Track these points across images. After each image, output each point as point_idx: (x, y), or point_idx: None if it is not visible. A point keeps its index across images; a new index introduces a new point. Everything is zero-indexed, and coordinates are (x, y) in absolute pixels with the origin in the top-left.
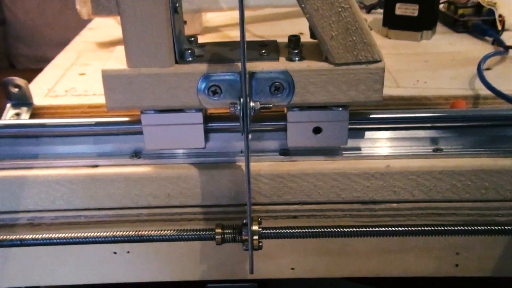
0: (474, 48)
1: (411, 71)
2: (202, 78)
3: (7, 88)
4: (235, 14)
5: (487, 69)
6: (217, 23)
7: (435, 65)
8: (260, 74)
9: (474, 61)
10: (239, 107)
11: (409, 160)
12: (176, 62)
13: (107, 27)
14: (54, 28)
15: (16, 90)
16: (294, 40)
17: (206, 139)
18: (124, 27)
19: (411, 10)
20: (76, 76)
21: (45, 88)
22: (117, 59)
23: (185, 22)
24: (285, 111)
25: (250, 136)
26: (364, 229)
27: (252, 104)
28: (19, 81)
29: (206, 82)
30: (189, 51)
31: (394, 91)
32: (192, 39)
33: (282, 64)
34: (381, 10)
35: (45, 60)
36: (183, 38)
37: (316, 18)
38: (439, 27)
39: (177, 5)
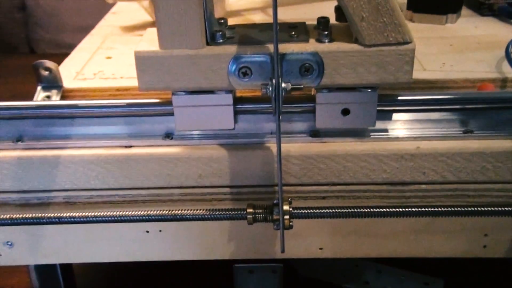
0: (500, 31)
1: (437, 54)
2: (232, 59)
3: (38, 70)
4: None
5: None
6: (238, 7)
7: (460, 48)
8: (290, 55)
9: (500, 45)
10: (270, 88)
11: (439, 141)
12: (207, 44)
13: (130, 11)
14: (74, 14)
15: (46, 73)
16: (324, 22)
17: (235, 120)
18: (157, 8)
19: None
20: (103, 59)
21: (74, 71)
22: (149, 41)
23: None
24: (313, 93)
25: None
26: (392, 209)
27: (284, 85)
28: (50, 64)
29: (236, 64)
30: (220, 32)
31: (420, 74)
32: (222, 21)
33: (312, 45)
34: None
35: (64, 46)
36: (214, 20)
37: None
38: (464, 10)
39: None
